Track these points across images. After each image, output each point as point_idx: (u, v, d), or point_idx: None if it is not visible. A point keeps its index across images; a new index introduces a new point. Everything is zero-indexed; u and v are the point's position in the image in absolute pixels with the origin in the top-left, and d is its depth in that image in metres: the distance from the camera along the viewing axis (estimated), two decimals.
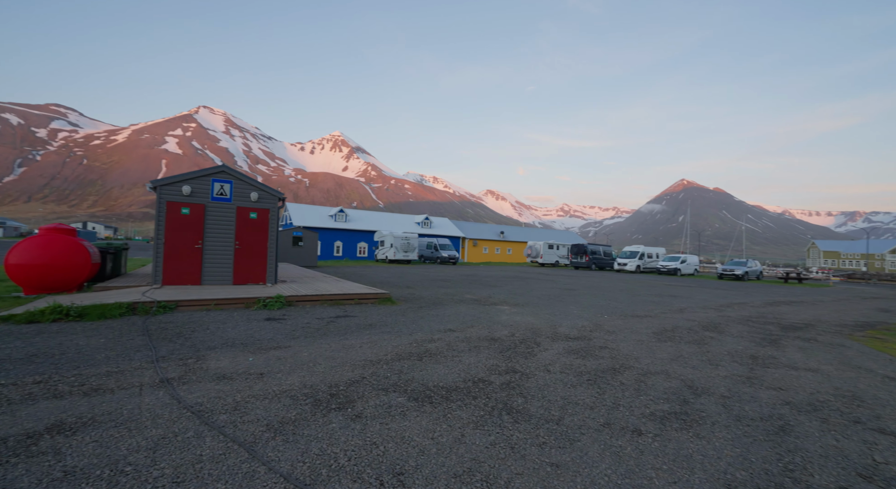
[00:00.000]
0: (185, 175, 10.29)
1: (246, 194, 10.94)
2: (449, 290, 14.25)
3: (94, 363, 4.61)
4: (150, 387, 3.92)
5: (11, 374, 4.13)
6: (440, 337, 6.67)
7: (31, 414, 3.26)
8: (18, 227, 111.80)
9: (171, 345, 5.52)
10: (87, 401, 3.55)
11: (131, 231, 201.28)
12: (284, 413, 3.44)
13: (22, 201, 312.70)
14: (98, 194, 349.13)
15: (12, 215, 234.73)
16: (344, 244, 44.52)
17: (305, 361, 4.97)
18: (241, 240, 10.85)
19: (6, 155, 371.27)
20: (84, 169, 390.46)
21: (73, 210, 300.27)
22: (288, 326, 7.01)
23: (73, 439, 2.88)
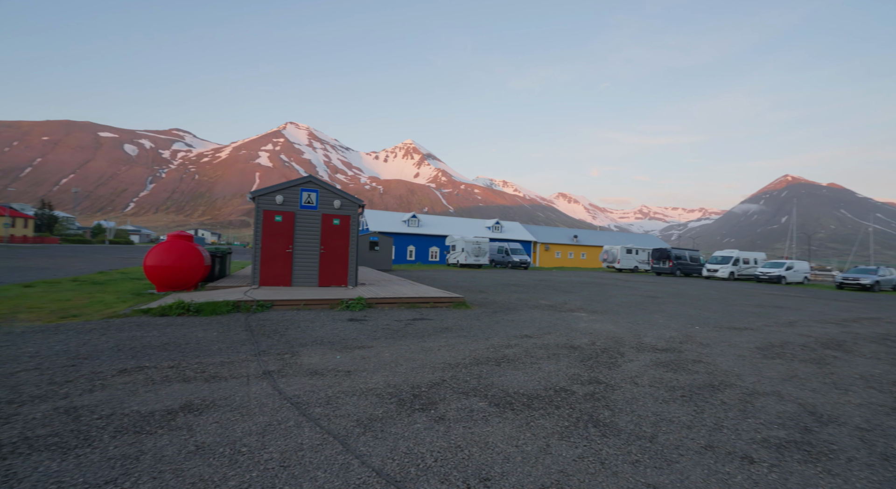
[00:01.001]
0: (277, 186, 11.34)
1: (330, 202, 11.76)
2: (522, 295, 14.01)
3: (211, 353, 5.24)
4: (256, 378, 4.35)
5: (153, 358, 4.86)
6: (517, 343, 6.58)
7: (169, 393, 3.80)
8: (149, 233, 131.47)
9: (270, 340, 6.09)
10: (208, 386, 4.05)
11: (231, 237, 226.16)
12: (372, 410, 3.62)
13: (151, 212, 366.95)
14: (206, 205, 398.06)
15: (145, 224, 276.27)
16: (416, 248, 45.87)
17: (388, 362, 5.19)
18: (326, 244, 11.67)
19: (141, 174, 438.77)
20: (196, 183, 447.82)
21: (188, 219, 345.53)
22: (369, 327, 7.38)
23: (200, 418, 3.30)
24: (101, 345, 5.41)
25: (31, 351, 5.04)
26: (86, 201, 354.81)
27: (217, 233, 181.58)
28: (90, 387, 3.92)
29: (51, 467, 2.55)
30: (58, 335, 5.89)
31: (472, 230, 50.55)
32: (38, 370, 4.35)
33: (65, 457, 2.68)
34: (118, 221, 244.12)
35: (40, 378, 4.11)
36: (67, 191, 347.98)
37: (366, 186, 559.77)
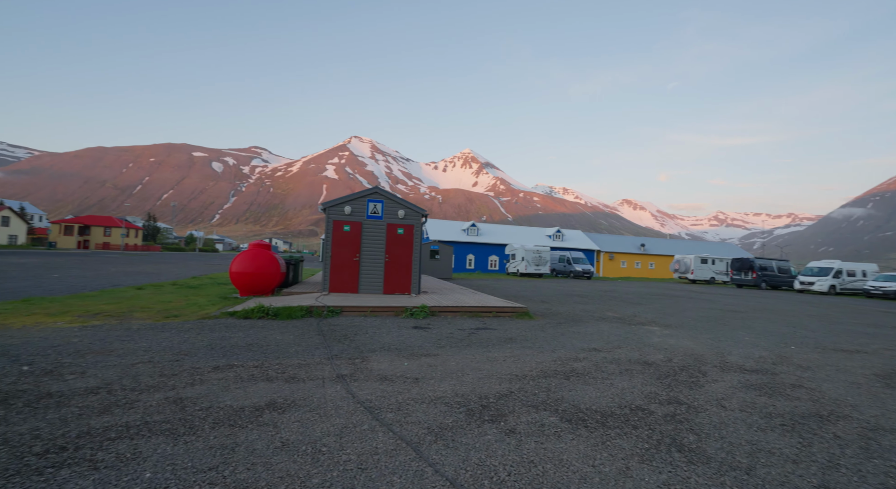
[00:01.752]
0: (346, 197, 11.97)
1: (394, 212, 12.18)
2: (587, 306, 13.45)
3: (289, 355, 5.61)
4: (330, 381, 4.58)
5: (240, 358, 5.31)
6: (585, 356, 6.31)
7: (255, 391, 4.12)
8: (231, 242, 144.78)
9: (341, 345, 6.39)
10: (289, 386, 4.33)
11: (301, 245, 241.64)
12: (442, 419, 3.65)
13: (233, 223, 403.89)
14: (279, 215, 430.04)
15: (228, 233, 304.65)
16: (476, 257, 45.89)
17: (454, 370, 5.22)
18: (390, 253, 12.07)
19: (225, 188, 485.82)
20: (271, 196, 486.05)
21: (263, 229, 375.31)
22: (433, 335, 7.49)
23: (283, 416, 3.54)
24: (198, 344, 6.00)
25: (145, 346, 5.73)
26: (181, 214, 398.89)
27: (288, 241, 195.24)
28: (192, 380, 4.37)
29: (166, 450, 2.87)
30: (164, 332, 6.64)
31: (532, 239, 49.61)
32: (150, 363, 4.93)
33: (176, 442, 3.00)
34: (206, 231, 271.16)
35: (153, 370, 4.65)
36: (167, 205, 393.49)
37: (425, 196, 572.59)
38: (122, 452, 2.82)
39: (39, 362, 4.76)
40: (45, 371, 4.46)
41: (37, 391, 3.88)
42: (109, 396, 3.84)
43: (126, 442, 2.97)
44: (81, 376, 4.36)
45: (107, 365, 4.80)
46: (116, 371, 4.59)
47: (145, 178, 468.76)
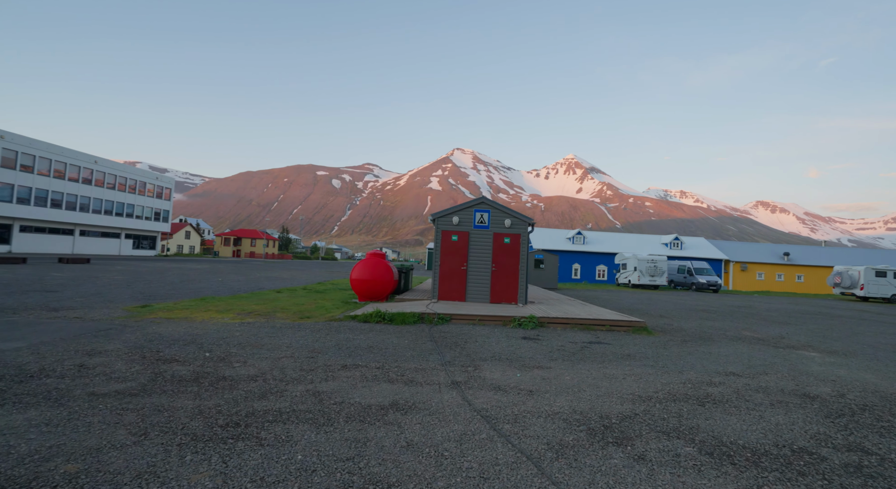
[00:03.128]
0: (453, 208, 12.37)
1: (501, 221, 12.22)
2: (716, 324, 11.81)
3: (406, 359, 5.95)
4: (446, 387, 4.73)
5: (363, 359, 5.80)
6: (721, 380, 5.53)
7: (379, 391, 4.45)
8: (347, 251, 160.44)
9: (452, 352, 6.56)
10: (408, 389, 4.58)
11: (408, 254, 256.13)
12: (561, 435, 3.51)
13: (349, 234, 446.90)
14: (388, 226, 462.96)
15: (344, 243, 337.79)
16: (582, 267, 43.65)
17: (569, 385, 4.99)
18: (497, 262, 12.11)
19: (342, 203, 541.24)
20: (381, 208, 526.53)
21: (375, 239, 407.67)
22: (544, 347, 7.27)
23: (406, 418, 3.75)
24: (328, 343, 6.71)
25: (287, 342, 6.60)
26: (307, 226, 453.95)
27: (396, 250, 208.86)
28: (325, 376, 4.89)
29: (311, 437, 3.25)
30: (300, 331, 7.57)
31: (646, 247, 45.45)
32: (292, 358, 5.66)
33: (318, 430, 3.37)
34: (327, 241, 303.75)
35: (294, 364, 5.33)
36: (297, 218, 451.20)
37: (527, 204, 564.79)
38: (279, 434, 3.27)
39: (216, 350, 5.79)
40: (220, 358, 5.41)
41: (216, 374, 4.72)
42: (265, 384, 4.49)
43: (280, 426, 3.44)
44: (244, 365, 5.19)
45: (260, 357, 5.63)
46: (268, 363, 5.36)
47: (280, 196, 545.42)
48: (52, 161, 44.23)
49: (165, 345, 6.00)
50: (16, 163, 40.65)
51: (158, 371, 4.73)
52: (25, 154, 41.50)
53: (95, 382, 4.26)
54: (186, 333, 6.86)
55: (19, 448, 2.86)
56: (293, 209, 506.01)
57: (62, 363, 4.86)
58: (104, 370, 4.67)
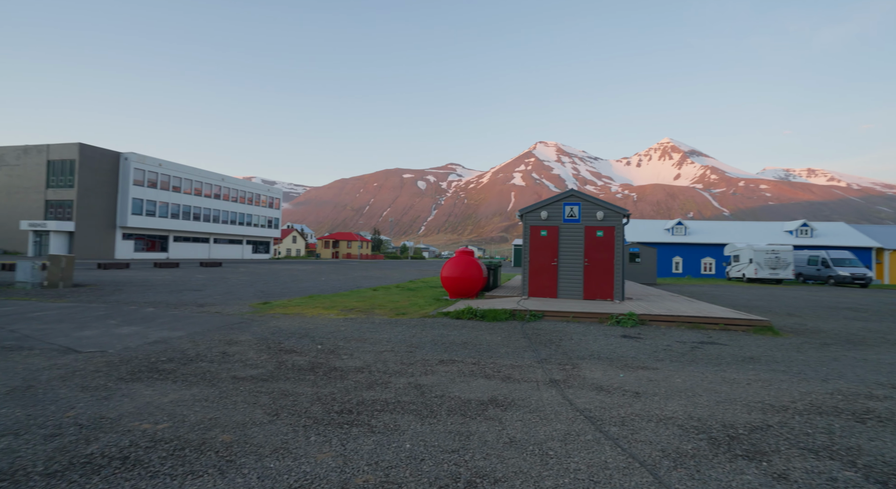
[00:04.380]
0: (541, 202, 12.04)
1: (592, 214, 11.60)
2: (869, 325, 9.87)
3: (500, 356, 5.95)
4: (544, 385, 4.62)
5: (459, 354, 5.93)
6: (887, 394, 4.60)
7: (477, 386, 4.52)
8: (434, 250, 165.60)
9: (547, 349, 6.40)
10: (506, 386, 4.58)
11: (493, 251, 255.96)
12: (677, 443, 3.22)
13: (435, 233, 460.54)
14: (473, 224, 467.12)
15: (431, 242, 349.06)
16: (684, 260, 39.65)
17: (681, 388, 4.56)
18: (590, 257, 11.52)
19: (428, 203, 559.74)
20: (465, 206, 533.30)
21: (460, 237, 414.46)
22: (647, 346, 6.74)
23: (506, 414, 3.75)
24: (424, 339, 6.98)
25: (386, 337, 7.02)
26: (396, 227, 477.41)
27: (482, 248, 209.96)
28: (425, 370, 5.09)
29: (417, 428, 3.41)
30: (397, 327, 7.99)
31: (764, 235, 39.71)
32: (393, 352, 6.00)
33: (422, 422, 3.53)
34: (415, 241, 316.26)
35: (395, 358, 5.64)
36: (387, 220, 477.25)
37: (617, 195, 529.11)
38: (388, 423, 3.48)
39: (326, 343, 6.38)
40: (330, 350, 5.95)
41: (328, 365, 5.20)
42: (370, 376, 4.82)
43: (388, 415, 3.66)
44: (351, 357, 5.63)
45: (364, 350, 6.06)
46: (371, 356, 5.75)
47: (371, 200, 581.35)
48: (192, 181, 52.57)
49: (284, 337, 6.76)
50: (169, 185, 49.14)
51: (281, 360, 5.35)
52: (175, 177, 49.95)
53: (235, 367, 4.96)
54: (300, 328, 7.65)
55: (189, 417, 3.45)
56: (383, 211, 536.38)
57: (210, 350, 5.75)
58: (241, 357, 5.42)
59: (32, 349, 5.60)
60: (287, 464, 2.77)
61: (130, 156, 45.16)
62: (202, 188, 54.31)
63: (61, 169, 42.13)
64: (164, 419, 3.43)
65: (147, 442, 3.02)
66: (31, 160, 43.35)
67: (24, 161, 43.69)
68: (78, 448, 2.90)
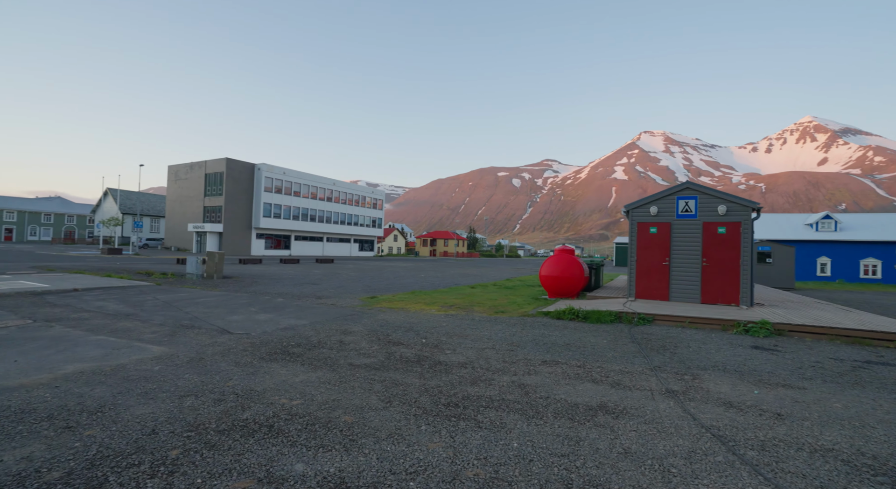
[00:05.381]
0: (651, 197, 11.05)
1: (712, 208, 10.30)
2: None
3: (607, 359, 5.61)
4: (660, 395, 4.24)
5: (562, 355, 5.75)
6: None
7: (584, 390, 4.32)
8: (530, 248, 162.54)
9: (660, 356, 5.85)
10: (616, 392, 4.30)
11: (592, 250, 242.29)
12: (844, 482, 2.70)
13: (530, 231, 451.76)
14: (570, 222, 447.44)
15: (526, 241, 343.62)
16: (834, 261, 33.11)
17: (843, 416, 3.81)
18: (709, 256, 10.26)
19: (522, 201, 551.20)
20: (561, 203, 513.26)
21: (556, 235, 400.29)
22: (787, 361, 5.78)
23: (618, 422, 3.52)
24: (525, 338, 6.89)
25: (487, 335, 7.08)
26: (491, 226, 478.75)
27: (580, 246, 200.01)
28: (527, 370, 5.03)
29: (523, 427, 3.39)
30: (497, 325, 8.01)
31: None
32: (494, 349, 6.03)
33: (528, 422, 3.49)
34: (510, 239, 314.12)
35: (497, 356, 5.67)
36: (481, 219, 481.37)
37: (740, 186, 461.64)
38: (493, 420, 3.52)
39: (430, 338, 6.67)
40: (434, 345, 6.20)
41: (432, 359, 5.43)
42: (474, 372, 4.91)
43: (494, 412, 3.69)
44: (454, 352, 5.80)
45: (466, 346, 6.19)
46: (473, 352, 5.85)
47: (466, 199, 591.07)
48: (309, 186, 59.08)
49: (391, 330, 7.22)
50: (291, 190, 55.98)
51: (390, 352, 5.73)
52: (296, 183, 56.72)
53: (351, 356, 5.44)
54: (405, 321, 8.10)
55: (316, 397, 3.89)
56: (478, 210, 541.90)
57: (330, 338, 6.40)
58: (355, 347, 5.93)
59: (200, 328, 6.82)
60: (402, 448, 2.96)
61: (262, 166, 52.29)
62: (317, 192, 60.66)
63: (214, 180, 50.54)
64: (297, 396, 3.91)
65: (286, 415, 3.47)
66: (195, 174, 52.72)
67: (190, 175, 53.32)
68: (237, 413, 3.46)
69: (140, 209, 67.46)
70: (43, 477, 2.49)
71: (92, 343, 5.68)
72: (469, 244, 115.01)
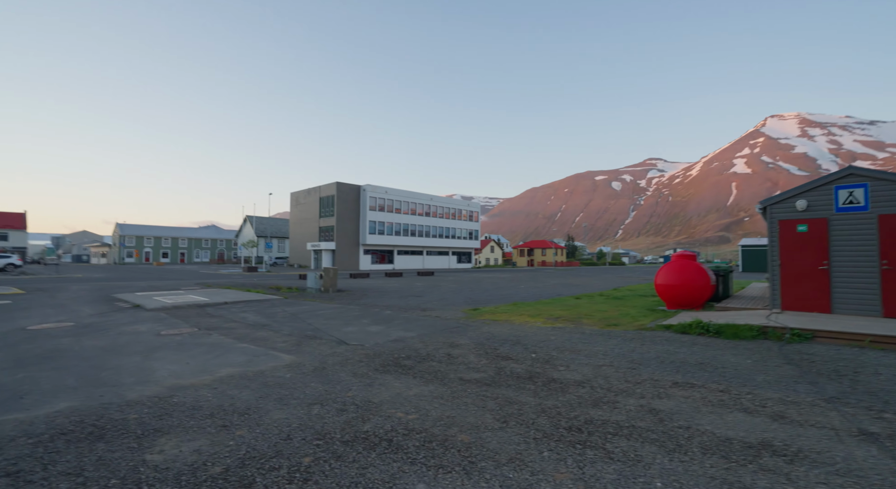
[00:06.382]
0: (797, 189, 9.27)
1: (891, 197, 8.24)
2: None
3: (757, 384, 4.69)
4: (850, 437, 3.36)
5: (696, 377, 4.96)
6: None
7: (734, 422, 3.62)
8: (635, 255, 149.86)
9: (835, 385, 4.71)
10: (781, 427, 3.52)
11: (710, 254, 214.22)
12: None
13: (634, 236, 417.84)
14: (681, 224, 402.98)
15: (630, 247, 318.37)
16: None
17: None
18: (890, 257, 8.18)
19: (624, 205, 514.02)
20: (670, 205, 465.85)
21: (665, 239, 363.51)
22: None
23: (794, 468, 2.84)
24: (646, 354, 6.16)
25: (601, 350, 6.49)
26: (591, 232, 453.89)
27: (695, 250, 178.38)
28: (656, 393, 4.42)
29: (664, 463, 2.91)
30: (611, 339, 7.32)
31: None
32: (612, 367, 5.47)
33: (669, 457, 3.00)
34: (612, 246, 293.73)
35: (617, 374, 5.11)
36: (579, 226, 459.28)
37: None
38: (626, 451, 3.10)
39: (539, 352, 6.33)
40: (545, 360, 5.86)
41: (545, 375, 5.10)
42: (593, 392, 4.47)
43: (624, 441, 3.26)
44: (567, 369, 5.39)
45: (580, 363, 5.72)
46: (589, 369, 5.37)
47: (563, 206, 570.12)
48: (408, 203, 62.50)
49: (498, 343, 7.03)
50: (393, 208, 59.85)
51: (500, 366, 5.53)
52: (397, 201, 60.53)
53: (460, 369, 5.38)
54: (511, 334, 7.85)
55: (431, 413, 3.86)
56: (575, 217, 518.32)
57: (438, 351, 6.44)
58: (463, 360, 5.87)
59: (321, 339, 7.41)
60: (525, 477, 2.74)
61: (367, 187, 56.76)
62: (416, 208, 63.78)
63: (327, 203, 56.31)
64: (412, 410, 3.92)
65: (403, 429, 3.48)
66: (311, 198, 59.41)
67: (307, 200, 60.26)
68: (358, 424, 3.58)
69: (270, 232, 77.92)
70: (208, 470, 2.80)
71: (238, 350, 6.50)
72: (568, 253, 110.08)
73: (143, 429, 3.48)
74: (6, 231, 65.89)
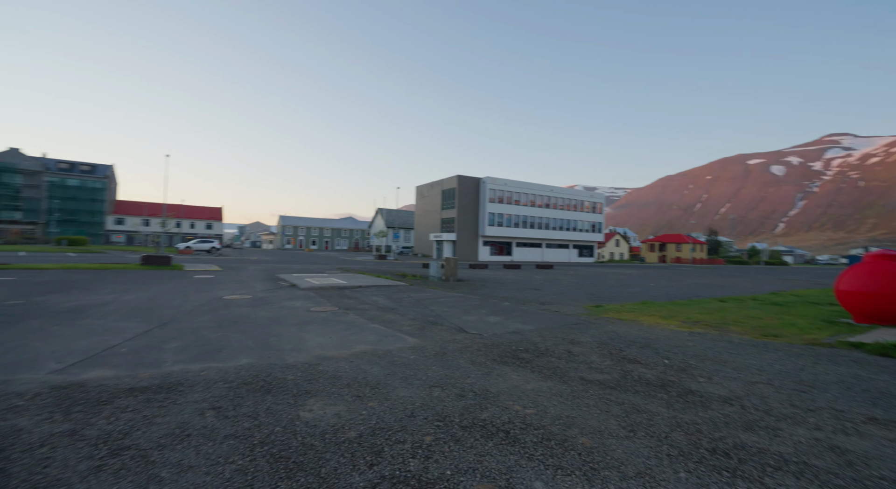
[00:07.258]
0: None
1: None
2: None
3: None
4: None
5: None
6: None
7: None
8: (803, 254, 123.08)
9: None
10: None
11: None
12: None
13: (803, 231, 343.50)
14: (878, 216, 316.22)
15: (795, 244, 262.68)
16: None
17: None
18: None
19: (789, 193, 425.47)
20: (860, 191, 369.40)
21: (851, 235, 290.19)
22: None
23: None
24: (823, 377, 5.01)
25: (755, 364, 5.50)
26: (740, 226, 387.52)
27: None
28: (841, 427, 3.56)
29: None
30: (769, 353, 6.15)
31: None
32: (771, 386, 4.59)
33: None
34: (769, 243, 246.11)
35: (778, 395, 4.27)
36: (725, 218, 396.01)
37: None
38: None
39: (673, 359, 5.65)
40: (680, 368, 5.20)
41: (681, 385, 4.53)
42: (744, 412, 3.81)
43: (792, 479, 2.71)
44: (709, 381, 4.70)
45: (726, 376, 4.93)
46: (739, 384, 4.59)
47: (703, 196, 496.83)
48: (528, 195, 61.55)
49: (624, 344, 6.47)
50: (511, 200, 59.70)
51: (626, 369, 5.09)
52: (516, 193, 60.21)
53: (581, 369, 5.10)
54: (639, 336, 7.16)
55: (549, 410, 3.75)
56: (719, 208, 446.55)
57: (557, 346, 6.22)
58: (585, 359, 5.55)
59: (442, 325, 7.79)
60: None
61: (486, 179, 57.45)
62: (535, 200, 62.40)
63: (448, 195, 58.74)
64: (530, 405, 3.85)
65: (520, 423, 3.45)
66: (434, 191, 62.67)
67: (431, 193, 63.72)
68: (476, 412, 3.66)
69: (398, 223, 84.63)
70: (346, 433, 3.17)
71: (370, 329, 7.22)
72: (710, 248, 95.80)
73: (298, 389, 4.10)
74: (211, 222, 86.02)
